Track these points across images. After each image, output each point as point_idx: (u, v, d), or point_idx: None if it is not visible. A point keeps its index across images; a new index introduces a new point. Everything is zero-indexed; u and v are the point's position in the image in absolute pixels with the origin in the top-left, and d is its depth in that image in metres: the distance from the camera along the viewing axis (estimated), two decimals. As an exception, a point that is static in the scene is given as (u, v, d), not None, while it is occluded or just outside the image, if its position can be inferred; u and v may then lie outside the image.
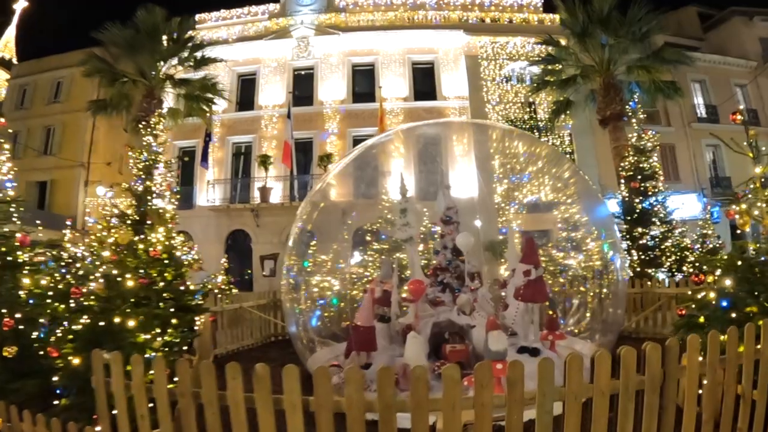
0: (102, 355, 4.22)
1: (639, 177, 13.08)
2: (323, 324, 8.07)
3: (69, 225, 11.43)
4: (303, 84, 24.35)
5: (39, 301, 5.83)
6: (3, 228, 6.11)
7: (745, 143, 4.79)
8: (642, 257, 12.23)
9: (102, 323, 5.21)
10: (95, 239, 7.69)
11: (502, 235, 9.01)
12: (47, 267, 6.69)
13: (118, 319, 5.21)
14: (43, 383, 5.13)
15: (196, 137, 23.04)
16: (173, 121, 20.01)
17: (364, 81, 24.31)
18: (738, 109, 4.62)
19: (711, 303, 4.22)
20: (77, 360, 4.89)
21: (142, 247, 7.07)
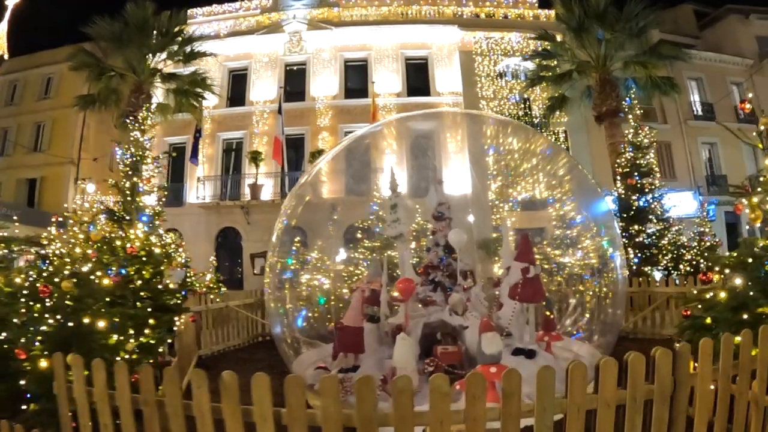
0: (63, 359, 3.96)
1: (636, 174, 12.85)
2: (309, 324, 7.74)
3: (54, 222, 11.09)
4: (295, 79, 24.07)
5: (9, 300, 5.49)
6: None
7: (755, 133, 4.53)
8: (638, 255, 12.01)
9: (71, 324, 4.91)
10: (71, 235, 7.35)
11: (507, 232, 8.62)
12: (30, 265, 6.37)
13: (87, 320, 4.91)
14: (12, 387, 4.82)
15: (186, 133, 22.65)
16: (163, 117, 19.61)
17: (356, 76, 24.05)
18: (747, 98, 4.32)
19: (719, 303, 3.92)
20: (45, 363, 4.60)
21: (119, 244, 6.73)
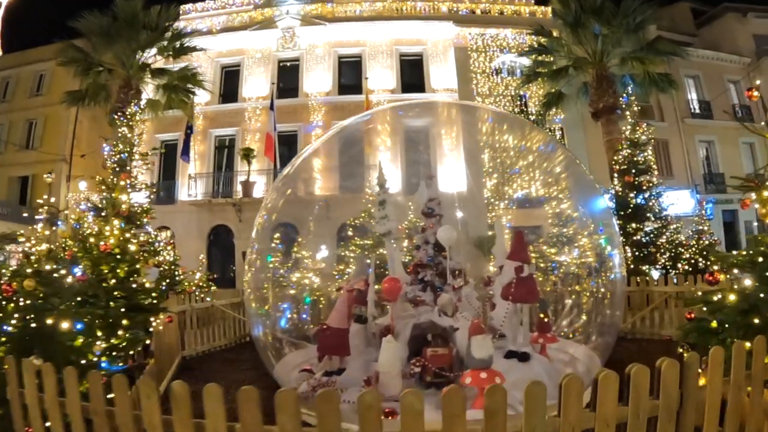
0: (14, 363, 3.69)
1: (633, 171, 12.60)
2: (293, 324, 7.42)
3: (40, 219, 10.78)
4: (288, 76, 23.73)
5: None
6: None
7: (763, 123, 4.25)
8: (636, 254, 11.75)
9: (34, 325, 4.60)
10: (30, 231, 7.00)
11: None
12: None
13: (51, 321, 4.61)
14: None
15: (178, 130, 22.27)
16: (153, 113, 19.28)
17: (350, 73, 23.71)
18: (754, 85, 4.05)
19: (727, 306, 3.62)
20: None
21: (93, 241, 6.41)
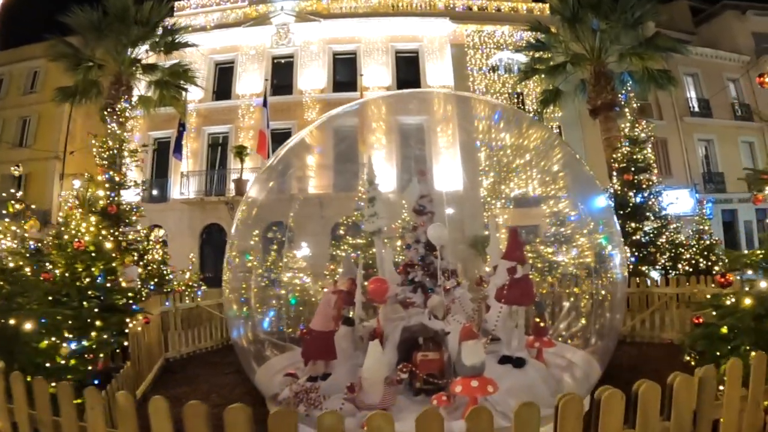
0: None
1: (632, 169, 12.29)
2: (275, 326, 7.10)
3: (29, 217, 10.50)
4: (282, 72, 23.45)
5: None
6: None
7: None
8: (635, 254, 11.45)
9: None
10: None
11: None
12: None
13: (14, 321, 4.31)
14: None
15: (171, 127, 21.96)
16: (145, 110, 18.94)
17: (345, 69, 23.43)
18: (766, 71, 3.75)
19: (741, 310, 3.31)
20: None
21: (67, 238, 6.10)
